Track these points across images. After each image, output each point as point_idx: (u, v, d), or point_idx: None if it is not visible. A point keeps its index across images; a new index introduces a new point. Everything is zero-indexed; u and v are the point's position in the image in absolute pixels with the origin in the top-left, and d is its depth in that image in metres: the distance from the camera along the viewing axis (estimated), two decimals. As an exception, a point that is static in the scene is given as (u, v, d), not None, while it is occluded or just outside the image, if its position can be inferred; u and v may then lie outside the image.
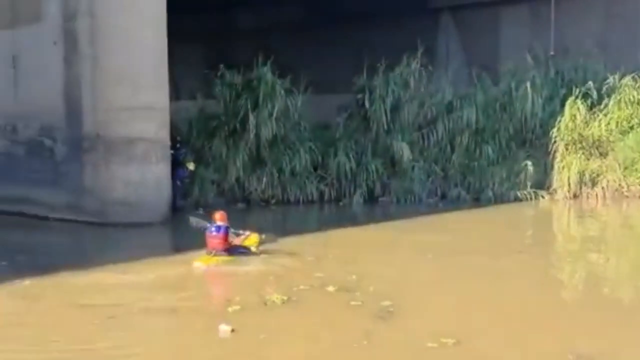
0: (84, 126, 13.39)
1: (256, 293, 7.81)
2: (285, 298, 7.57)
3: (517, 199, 16.99)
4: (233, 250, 9.99)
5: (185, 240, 12.25)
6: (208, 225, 10.19)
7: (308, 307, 7.43)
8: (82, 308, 7.24)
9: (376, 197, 17.22)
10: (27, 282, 8.20)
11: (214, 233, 9.93)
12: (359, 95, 18.11)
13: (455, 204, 16.69)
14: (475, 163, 17.61)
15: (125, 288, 8.26)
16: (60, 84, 13.58)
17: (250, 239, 10.24)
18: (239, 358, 5.96)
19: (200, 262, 9.67)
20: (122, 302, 7.52)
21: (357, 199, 16.97)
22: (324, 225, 14.01)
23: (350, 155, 17.22)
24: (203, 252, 10.01)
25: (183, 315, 7.20)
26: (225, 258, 9.81)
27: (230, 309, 7.17)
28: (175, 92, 14.76)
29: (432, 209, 16.14)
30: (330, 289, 8.07)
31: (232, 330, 6.42)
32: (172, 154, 14.43)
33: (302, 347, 6.08)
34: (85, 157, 13.41)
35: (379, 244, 11.59)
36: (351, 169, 17.10)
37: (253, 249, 10.14)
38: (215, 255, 9.79)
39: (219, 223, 10.03)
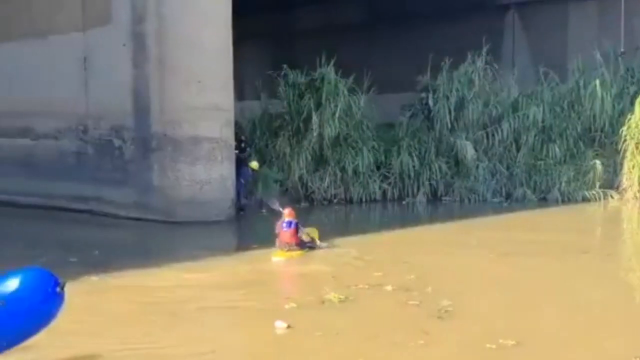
0: (151, 126, 13.67)
1: (314, 292, 7.84)
2: (342, 297, 7.56)
3: (585, 199, 16.68)
4: (303, 245, 10.27)
5: (248, 238, 12.46)
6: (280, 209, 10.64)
7: (365, 306, 7.42)
8: (145, 305, 7.38)
9: (439, 197, 17.15)
10: (94, 278, 8.40)
11: (285, 229, 10.20)
12: (423, 94, 18.06)
13: (520, 204, 16.48)
14: (542, 162, 17.35)
15: (187, 286, 8.39)
16: (128, 84, 13.89)
17: (312, 231, 10.65)
18: (293, 354, 5.99)
19: (278, 257, 9.94)
20: (183, 300, 7.64)
21: (420, 198, 16.93)
22: (386, 224, 14.00)
23: (414, 155, 17.19)
24: (266, 250, 10.22)
25: (241, 313, 7.29)
26: (298, 252, 10.12)
27: (287, 307, 7.22)
28: (240, 92, 14.95)
29: (497, 209, 15.96)
30: (389, 288, 8.04)
31: (288, 327, 6.46)
32: (237, 154, 14.65)
33: (357, 346, 6.07)
34: (152, 156, 13.70)
35: (441, 243, 11.50)
36: (414, 168, 17.06)
37: (318, 241, 10.49)
38: (289, 250, 10.06)
39: (289, 219, 10.30)
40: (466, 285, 8.37)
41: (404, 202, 16.80)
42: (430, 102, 17.75)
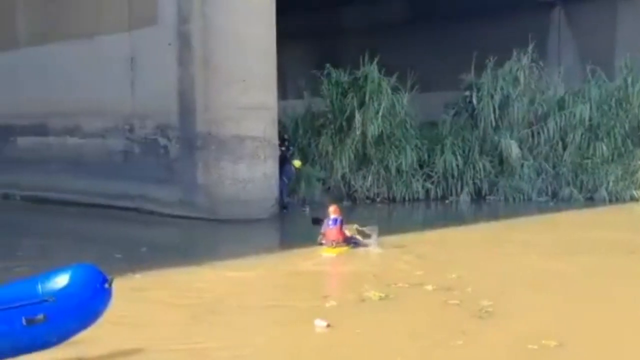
0: (196, 125, 13.83)
1: (354, 290, 7.87)
2: (382, 295, 7.58)
3: (633, 199, 16.38)
4: (348, 241, 10.53)
5: (290, 237, 12.53)
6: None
7: (405, 305, 7.42)
8: (187, 302, 7.47)
9: (484, 196, 17.02)
10: (138, 275, 8.52)
11: (331, 226, 10.46)
12: (467, 92, 17.92)
13: (566, 203, 16.27)
14: (589, 161, 17.09)
15: (229, 284, 8.48)
16: (174, 84, 14.08)
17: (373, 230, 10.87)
18: (333, 353, 6.02)
19: (328, 253, 10.20)
20: (224, 298, 7.73)
21: (464, 197, 16.82)
22: (428, 223, 13.94)
23: (457, 153, 17.07)
24: (308, 248, 10.37)
25: (281, 311, 7.33)
26: (345, 248, 10.37)
27: (327, 305, 7.25)
28: (283, 91, 15.04)
29: (542, 208, 15.78)
30: (429, 287, 8.03)
31: (328, 326, 6.49)
32: (280, 152, 14.74)
33: (396, 344, 6.07)
34: (197, 155, 13.86)
35: (484, 243, 11.43)
36: (458, 166, 16.95)
37: (360, 238, 10.72)
38: (336, 246, 10.30)
39: (334, 216, 10.56)
40: (508, 285, 8.29)
41: (447, 201, 16.71)
42: (474, 101, 17.60)
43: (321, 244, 10.56)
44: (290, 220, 14.21)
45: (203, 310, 7.18)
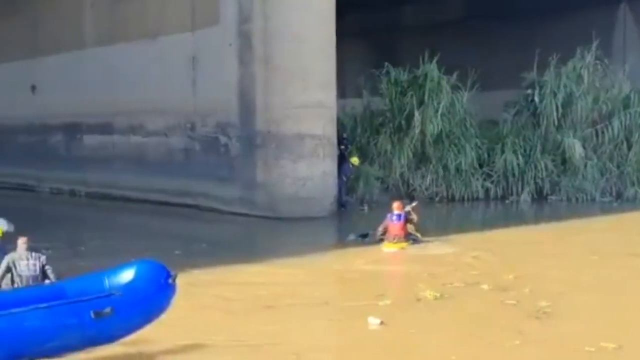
0: (256, 123, 14.00)
1: (409, 289, 7.91)
2: (437, 294, 7.58)
3: (701, 200, 15.92)
4: (408, 237, 10.73)
5: (348, 235, 12.55)
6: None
7: (460, 304, 7.40)
8: (243, 298, 7.61)
9: (545, 196, 16.74)
10: (196, 271, 8.62)
11: (395, 221, 10.66)
12: (528, 91, 17.65)
13: (631, 204, 15.89)
14: (655, 161, 16.65)
15: (286, 281, 8.61)
16: (234, 83, 14.28)
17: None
18: (386, 350, 6.05)
19: (389, 248, 10.50)
20: (279, 294, 7.84)
21: (525, 197, 16.58)
22: (488, 223, 13.82)
23: (518, 152, 16.83)
24: (366, 247, 10.51)
25: (335, 309, 7.41)
26: (405, 243, 10.60)
27: (381, 303, 7.28)
28: (342, 90, 15.09)
29: (606, 209, 15.46)
30: (485, 287, 8.00)
31: (381, 323, 6.54)
32: (338, 151, 14.80)
33: (450, 344, 6.09)
34: (257, 153, 14.03)
35: (544, 243, 11.26)
36: (519, 166, 16.72)
37: (420, 235, 10.90)
38: (398, 241, 10.53)
39: (397, 212, 10.77)
40: (568, 286, 8.17)
41: (507, 201, 16.50)
42: (537, 99, 17.32)
43: (381, 239, 10.75)
44: (349, 218, 14.25)
45: (258, 306, 7.30)
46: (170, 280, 5.38)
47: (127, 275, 5.37)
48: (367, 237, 11.11)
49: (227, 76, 14.36)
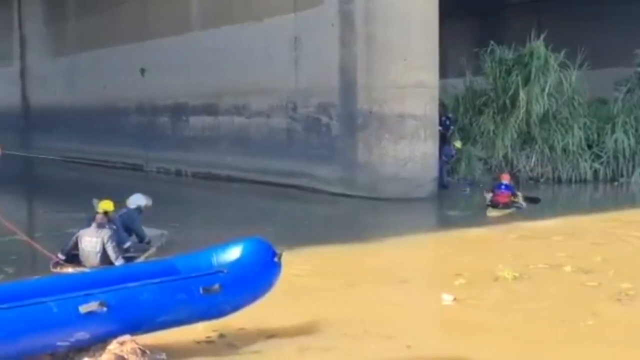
0: (357, 103, 13.99)
1: (488, 268, 7.83)
2: (517, 274, 7.48)
3: None
4: (512, 205, 12.08)
5: (446, 217, 12.48)
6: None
7: (538, 284, 7.30)
8: (326, 277, 7.72)
9: (657, 178, 16.04)
10: (284, 248, 8.71)
11: (503, 190, 12.17)
12: (640, 68, 16.91)
13: None
14: None
15: (371, 259, 8.72)
16: (336, 63, 14.29)
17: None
18: (454, 323, 6.16)
19: (493, 213, 11.75)
20: (363, 272, 7.96)
21: (636, 178, 15.95)
22: (595, 205, 13.38)
23: (630, 132, 16.20)
24: (463, 228, 10.57)
25: (412, 286, 7.47)
26: (508, 211, 11.86)
27: (457, 283, 7.28)
28: (443, 70, 14.87)
29: None
30: (568, 268, 7.84)
31: (454, 300, 6.59)
32: (440, 131, 14.63)
33: (520, 320, 6.09)
34: (358, 133, 14.03)
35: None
36: (630, 146, 16.08)
37: (524, 204, 12.26)
38: (503, 208, 11.88)
39: (505, 182, 12.34)
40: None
41: (616, 183, 15.91)
42: (649, 77, 16.60)
43: (489, 205, 12.04)
44: (449, 199, 14.09)
45: (341, 283, 7.42)
46: (276, 259, 5.46)
47: (234, 252, 5.49)
48: (534, 202, 12.45)
49: (328, 56, 14.38)
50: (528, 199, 12.61)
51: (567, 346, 5.54)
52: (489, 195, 12.35)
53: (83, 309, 4.66)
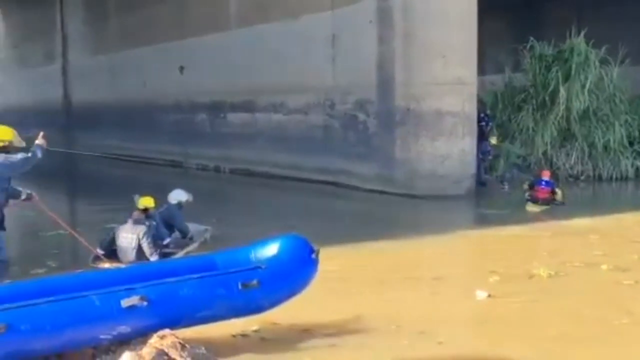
0: (395, 100, 13.95)
1: (523, 266, 7.79)
2: (552, 272, 7.43)
3: None
4: (551, 201, 12.25)
5: (482, 215, 12.42)
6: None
7: (574, 282, 7.25)
8: (356, 274, 7.73)
9: (702, 176, 15.74)
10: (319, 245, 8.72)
11: (543, 186, 12.40)
12: (684, 65, 16.59)
13: None
14: None
15: (404, 256, 8.71)
16: (373, 60, 14.26)
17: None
18: (487, 319, 6.16)
19: (532, 208, 12.03)
20: (394, 269, 7.99)
21: (679, 176, 15.67)
22: (635, 204, 13.17)
23: (674, 130, 15.91)
24: (499, 226, 10.52)
25: (445, 283, 7.42)
26: (547, 207, 12.06)
27: (491, 280, 7.25)
28: (481, 66, 14.76)
29: None
30: (604, 267, 7.76)
31: (489, 296, 6.58)
32: (477, 128, 14.52)
33: (553, 316, 6.06)
34: (395, 130, 14.00)
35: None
36: (673, 144, 15.80)
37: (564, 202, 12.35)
38: (541, 204, 12.08)
39: (546, 178, 12.57)
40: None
41: (658, 181, 15.66)
42: (694, 73, 16.28)
43: (528, 200, 12.30)
44: (487, 197, 14.01)
45: (374, 279, 7.47)
46: (313, 255, 5.49)
47: (272, 249, 5.53)
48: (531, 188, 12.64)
49: (366, 53, 14.37)
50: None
51: (600, 344, 5.49)
52: (527, 188, 12.69)
53: (125, 303, 4.73)
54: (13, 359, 4.46)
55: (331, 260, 7.48)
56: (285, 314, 5.60)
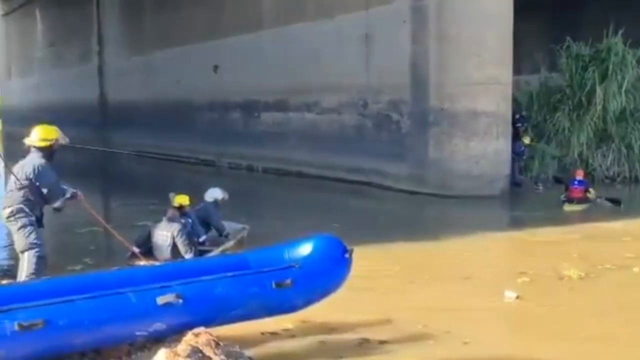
0: (429, 100, 13.90)
1: (554, 267, 7.72)
2: (582, 274, 7.37)
3: None
4: (587, 201, 12.49)
5: (518, 215, 12.31)
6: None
7: (604, 284, 7.19)
8: (389, 272, 7.76)
9: None
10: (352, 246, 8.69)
11: (577, 186, 12.63)
12: None
13: None
14: None
15: (433, 256, 8.75)
16: (407, 60, 14.22)
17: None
18: (514, 320, 6.15)
19: (569, 208, 12.24)
20: (427, 268, 8.02)
21: None
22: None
23: None
24: (533, 228, 10.43)
25: (472, 283, 7.39)
26: (584, 206, 12.34)
27: (520, 280, 7.22)
28: (517, 66, 14.62)
29: None
30: (636, 269, 7.68)
31: (517, 297, 6.54)
32: (512, 129, 14.40)
33: (581, 318, 6.04)
34: (429, 130, 13.94)
35: None
36: None
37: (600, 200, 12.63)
38: (577, 203, 12.33)
39: (579, 178, 12.82)
40: None
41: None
42: None
43: (564, 201, 12.44)
44: (521, 198, 13.89)
45: (403, 279, 7.49)
46: (346, 255, 5.49)
47: (305, 248, 5.54)
48: (560, 182, 13.48)
49: (400, 53, 14.33)
50: (609, 200, 12.56)
51: (629, 347, 5.44)
52: (564, 194, 12.67)
53: (160, 300, 4.77)
54: (50, 355, 4.52)
55: (361, 259, 7.49)
56: (314, 312, 5.60)
